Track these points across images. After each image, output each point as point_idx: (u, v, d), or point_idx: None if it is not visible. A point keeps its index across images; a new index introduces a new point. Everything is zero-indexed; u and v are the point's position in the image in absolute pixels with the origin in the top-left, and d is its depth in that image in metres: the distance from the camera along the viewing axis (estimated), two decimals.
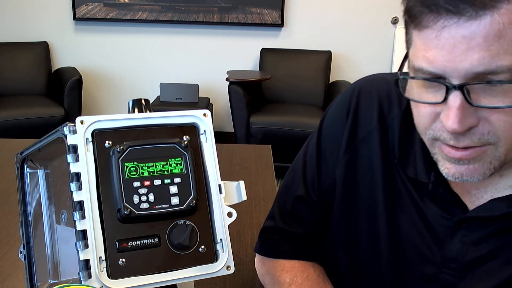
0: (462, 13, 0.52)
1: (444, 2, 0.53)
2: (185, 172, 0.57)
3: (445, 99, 0.56)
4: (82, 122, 0.55)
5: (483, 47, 0.52)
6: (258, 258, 0.86)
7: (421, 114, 0.61)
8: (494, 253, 0.66)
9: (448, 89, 0.55)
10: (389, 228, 0.73)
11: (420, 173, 0.69)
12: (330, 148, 0.78)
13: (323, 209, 0.79)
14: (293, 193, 0.81)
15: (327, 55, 3.81)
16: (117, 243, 0.54)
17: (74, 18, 3.89)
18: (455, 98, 0.55)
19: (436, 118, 0.59)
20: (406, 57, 0.64)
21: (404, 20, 0.61)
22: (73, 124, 0.54)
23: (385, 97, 0.75)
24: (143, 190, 0.55)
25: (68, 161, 0.54)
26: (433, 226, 0.70)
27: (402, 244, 0.72)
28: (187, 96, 3.72)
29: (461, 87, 0.54)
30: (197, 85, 3.76)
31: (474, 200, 0.68)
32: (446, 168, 0.61)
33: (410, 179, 0.71)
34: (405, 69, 0.64)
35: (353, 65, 3.99)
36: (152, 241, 0.55)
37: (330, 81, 3.87)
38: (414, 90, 0.62)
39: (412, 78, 0.60)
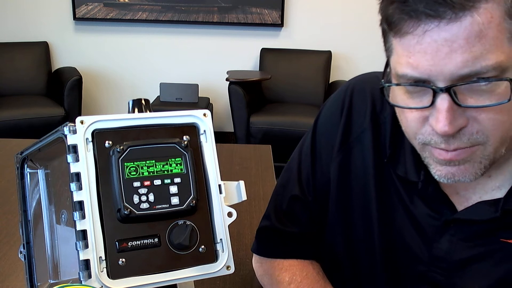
0: (442, 16, 0.52)
1: (424, 7, 0.53)
2: (185, 172, 0.57)
3: (433, 102, 0.56)
4: (82, 122, 0.55)
5: (466, 49, 0.52)
6: (255, 258, 0.86)
7: (408, 120, 0.61)
8: (482, 254, 0.67)
9: (435, 93, 0.55)
10: (382, 227, 0.73)
11: (410, 172, 0.70)
12: (325, 147, 0.79)
13: (319, 207, 0.79)
14: (288, 193, 0.81)
15: (327, 55, 3.81)
16: (117, 243, 0.54)
17: (74, 18, 3.89)
18: (443, 100, 0.55)
19: (424, 122, 0.59)
20: (387, 65, 0.64)
21: (382, 28, 0.61)
22: (73, 124, 0.54)
23: (378, 95, 0.75)
24: (143, 190, 0.55)
25: (68, 161, 0.54)
26: (422, 225, 0.70)
27: (394, 242, 0.73)
28: (187, 96, 3.72)
29: (448, 89, 0.54)
30: (197, 85, 3.76)
31: (463, 201, 0.68)
32: (438, 171, 0.61)
33: (400, 178, 0.71)
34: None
35: (353, 65, 3.99)
36: (152, 241, 0.55)
37: (330, 81, 3.86)
38: (398, 97, 0.62)
39: (397, 85, 0.60)
